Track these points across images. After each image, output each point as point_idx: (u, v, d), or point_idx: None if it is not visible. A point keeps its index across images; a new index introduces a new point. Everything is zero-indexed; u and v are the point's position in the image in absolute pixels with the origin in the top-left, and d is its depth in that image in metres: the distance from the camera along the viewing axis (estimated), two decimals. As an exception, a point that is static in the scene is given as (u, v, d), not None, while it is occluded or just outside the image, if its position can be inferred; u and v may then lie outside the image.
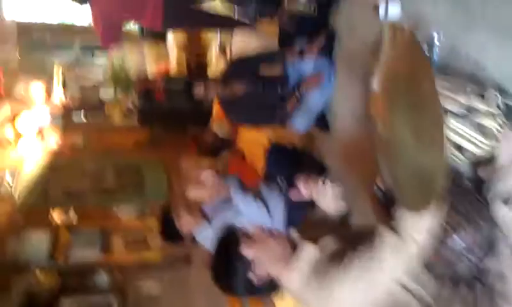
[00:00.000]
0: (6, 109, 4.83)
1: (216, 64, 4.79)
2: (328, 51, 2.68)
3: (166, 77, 5.33)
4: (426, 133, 1.17)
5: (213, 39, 5.19)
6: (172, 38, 5.82)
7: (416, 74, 1.20)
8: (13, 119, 4.81)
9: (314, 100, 2.69)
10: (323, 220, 1.87)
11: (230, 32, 4.33)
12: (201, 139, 4.31)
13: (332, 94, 2.66)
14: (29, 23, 6.12)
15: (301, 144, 3.09)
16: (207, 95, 2.94)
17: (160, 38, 6.34)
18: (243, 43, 4.20)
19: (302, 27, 2.75)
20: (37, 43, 6.26)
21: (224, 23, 3.81)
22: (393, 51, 1.68)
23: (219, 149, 4.02)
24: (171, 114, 4.89)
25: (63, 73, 5.51)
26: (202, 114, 4.59)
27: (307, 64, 2.72)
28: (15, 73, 4.66)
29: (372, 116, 1.60)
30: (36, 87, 5.11)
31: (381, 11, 2.04)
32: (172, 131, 4.96)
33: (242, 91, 2.86)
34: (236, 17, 3.79)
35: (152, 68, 5.81)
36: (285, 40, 2.94)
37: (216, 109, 4.26)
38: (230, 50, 4.74)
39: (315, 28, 2.70)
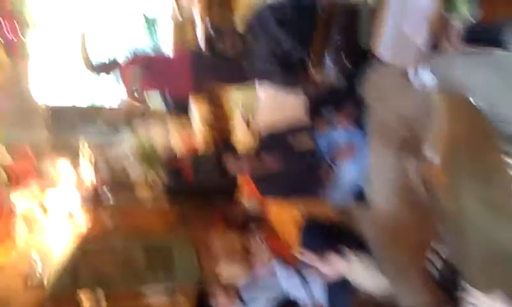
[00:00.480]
0: (35, 189, 4.87)
1: (240, 136, 4.80)
2: (358, 121, 2.64)
3: (193, 153, 5.35)
4: (501, 206, 1.06)
5: (235, 112, 5.25)
6: (196, 113, 5.92)
7: (479, 142, 1.11)
8: (42, 200, 4.85)
9: (349, 171, 2.61)
10: (373, 302, 1.73)
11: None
12: (229, 212, 4.24)
13: (367, 165, 2.58)
14: (58, 106, 6.31)
15: (336, 218, 2.98)
16: (240, 170, 2.91)
17: (184, 113, 6.47)
18: (268, 114, 4.22)
19: (330, 96, 2.73)
20: (65, 123, 6.44)
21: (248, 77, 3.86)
22: (448, 119, 1.59)
23: (248, 223, 3.93)
24: (200, 191, 4.85)
25: (90, 153, 5.59)
26: (229, 187, 4.56)
27: (339, 134, 2.67)
28: (45, 154, 4.71)
29: (421, 187, 1.50)
30: (65, 168, 5.18)
31: (412, 77, 2.00)
32: (201, 208, 4.90)
33: (274, 164, 2.81)
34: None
35: (177, 145, 5.87)
36: (313, 110, 2.91)
37: (243, 181, 4.21)
38: (254, 122, 4.76)
39: (343, 97, 2.68)
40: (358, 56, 2.51)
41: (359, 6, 2.52)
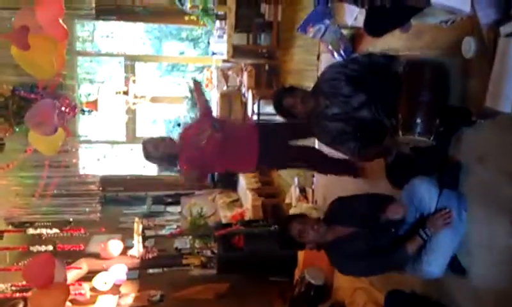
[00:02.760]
0: (83, 265, 4.74)
1: (297, 206, 4.59)
2: (452, 184, 2.42)
3: (244, 221, 5.16)
4: None
5: (290, 181, 5.08)
6: (245, 183, 5.79)
7: None
8: (90, 276, 4.70)
9: (445, 241, 2.35)
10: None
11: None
12: (291, 291, 3.95)
13: (465, 233, 2.33)
14: (109, 176, 6.32)
15: (422, 289, 2.69)
16: (305, 239, 2.62)
17: (231, 186, 6.37)
18: (330, 183, 4.02)
19: (418, 160, 2.53)
20: (113, 197, 6.43)
21: (316, 164, 3.72)
22: None
23: (315, 301, 3.62)
24: (252, 261, 4.59)
25: (138, 225, 5.48)
26: (285, 261, 4.29)
27: (429, 198, 2.45)
28: (95, 228, 4.62)
29: None
30: (113, 242, 5.06)
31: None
32: (254, 279, 4.63)
33: (346, 234, 2.57)
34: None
35: (225, 216, 5.72)
36: (396, 177, 2.71)
37: (305, 254, 3.96)
38: (312, 190, 4.57)
39: (433, 160, 2.48)
40: (449, 115, 2.34)
41: (446, 62, 2.39)
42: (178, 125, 7.59)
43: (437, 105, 2.32)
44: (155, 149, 3.31)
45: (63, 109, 4.11)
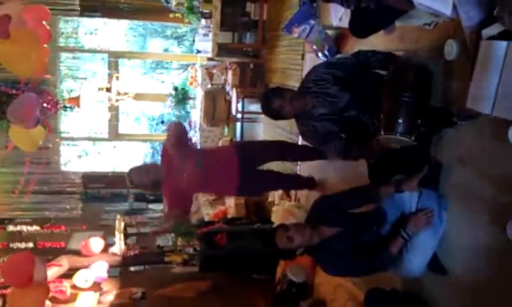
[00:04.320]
0: (64, 262, 4.69)
1: (280, 204, 4.60)
2: (433, 184, 2.46)
3: (226, 219, 5.16)
4: None
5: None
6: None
7: None
8: (70, 273, 4.65)
9: (426, 240, 2.39)
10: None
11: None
12: (273, 288, 3.96)
13: (446, 233, 2.38)
14: (90, 172, 6.26)
15: (402, 287, 2.73)
16: (292, 245, 2.60)
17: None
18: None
19: (399, 160, 2.57)
20: (94, 193, 6.36)
21: (295, 185, 4.08)
22: None
23: (296, 298, 3.64)
24: (234, 259, 4.59)
25: (119, 222, 5.43)
26: (267, 259, 4.31)
27: (409, 198, 2.49)
28: (76, 225, 4.57)
29: None
30: (94, 239, 5.01)
31: (511, 135, 1.83)
32: (236, 277, 4.64)
33: (331, 234, 2.59)
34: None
35: (208, 213, 5.70)
36: (377, 176, 2.75)
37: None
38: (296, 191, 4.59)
39: (414, 160, 2.52)
40: (430, 115, 2.38)
41: (429, 64, 2.42)
42: (162, 122, 7.57)
43: (419, 106, 2.35)
44: (140, 177, 3.31)
45: (45, 104, 4.06)
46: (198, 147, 6.01)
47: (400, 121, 2.32)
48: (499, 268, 2.04)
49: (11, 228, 4.27)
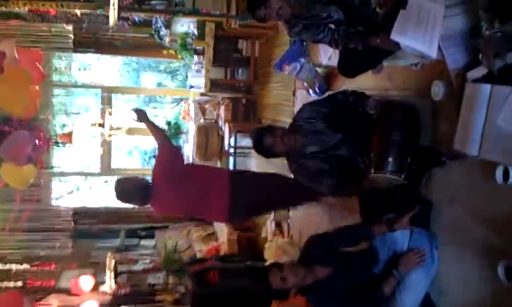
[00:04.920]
0: (53, 302, 4.60)
1: (273, 240, 4.57)
2: (423, 223, 2.46)
3: (219, 256, 5.11)
4: None
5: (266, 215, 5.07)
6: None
7: None
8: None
9: (418, 280, 2.38)
10: None
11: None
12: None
13: (438, 272, 2.37)
14: (81, 208, 6.20)
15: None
16: (286, 284, 2.58)
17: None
18: (306, 217, 4.04)
19: (390, 198, 2.58)
20: (85, 230, 6.29)
21: (288, 202, 3.83)
22: None
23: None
24: (227, 297, 4.52)
25: (110, 260, 5.36)
26: (260, 297, 4.24)
27: (401, 238, 2.49)
28: (66, 263, 4.51)
29: None
30: (84, 277, 4.93)
31: (499, 174, 1.85)
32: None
33: (325, 274, 2.57)
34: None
35: (200, 250, 5.65)
36: (369, 214, 2.75)
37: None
38: (288, 225, 4.57)
39: (405, 198, 2.53)
40: (420, 154, 2.40)
41: (416, 104, 2.47)
42: (154, 156, 7.55)
43: (408, 145, 2.38)
44: (127, 184, 3.32)
45: (37, 141, 4.05)
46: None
47: (390, 159, 2.36)
48: (491, 308, 2.03)
49: (-1, 266, 4.21)
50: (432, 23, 1.99)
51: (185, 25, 6.08)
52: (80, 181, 7.36)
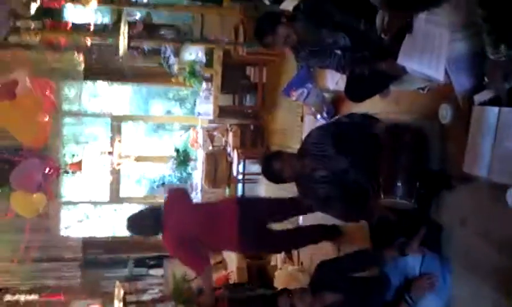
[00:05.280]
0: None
1: (283, 268, 4.52)
2: (435, 247, 2.43)
3: (228, 285, 5.05)
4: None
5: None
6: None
7: None
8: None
9: (430, 305, 2.34)
10: None
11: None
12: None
13: (451, 297, 2.32)
14: (90, 237, 6.20)
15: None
16: None
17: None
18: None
19: (400, 223, 2.55)
20: (93, 259, 6.27)
21: (300, 243, 3.88)
22: None
23: None
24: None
25: (119, 290, 5.32)
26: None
27: (413, 262, 2.45)
28: (76, 292, 4.48)
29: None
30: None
31: (510, 197, 1.82)
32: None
33: (335, 300, 2.53)
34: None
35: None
36: (379, 239, 2.72)
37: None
38: (298, 251, 4.53)
39: (415, 223, 2.50)
40: (429, 178, 2.38)
41: (425, 128, 2.46)
42: (163, 184, 7.57)
43: (417, 169, 2.37)
44: (139, 223, 3.35)
45: (47, 170, 4.09)
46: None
47: (399, 184, 2.34)
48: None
49: (8, 297, 4.18)
50: (439, 47, 2.00)
51: (193, 53, 6.16)
52: (89, 210, 7.37)
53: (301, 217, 4.34)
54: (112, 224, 7.29)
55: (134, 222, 3.44)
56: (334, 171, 2.76)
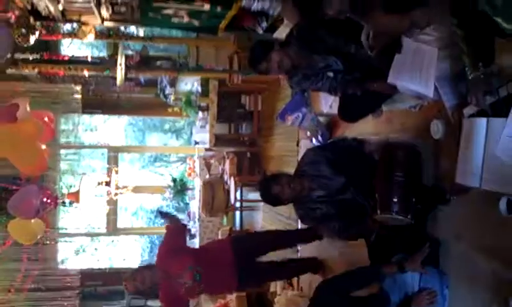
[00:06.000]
0: None
1: (282, 294, 4.49)
2: (433, 262, 2.45)
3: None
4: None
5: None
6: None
7: None
8: None
9: (430, 320, 2.35)
10: None
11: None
12: None
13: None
14: (88, 269, 6.15)
15: None
16: None
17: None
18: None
19: (398, 239, 2.57)
20: (91, 292, 6.21)
21: (294, 272, 4.05)
22: None
23: None
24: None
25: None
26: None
27: (411, 278, 2.46)
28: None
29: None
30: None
31: (503, 206, 1.86)
32: None
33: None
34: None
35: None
36: (377, 256, 2.73)
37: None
38: (298, 278, 4.51)
39: (412, 238, 2.52)
40: (424, 193, 2.42)
41: (417, 144, 2.51)
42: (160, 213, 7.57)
43: (412, 185, 2.40)
44: (136, 286, 3.23)
45: (45, 199, 4.10)
46: (195, 247, 5.83)
47: (395, 200, 2.37)
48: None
49: (5, 328, 4.13)
50: (428, 64, 2.08)
51: (189, 84, 6.28)
52: (86, 242, 7.33)
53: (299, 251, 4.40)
54: (109, 255, 7.24)
55: (130, 285, 3.29)
56: (330, 190, 2.79)
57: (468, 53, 1.77)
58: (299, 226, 4.17)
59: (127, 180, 7.45)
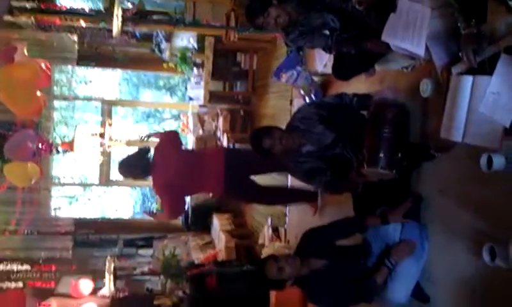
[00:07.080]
0: (53, 304, 4.64)
1: (270, 245, 4.66)
2: (414, 216, 2.58)
3: (217, 261, 5.18)
4: None
5: (263, 221, 5.18)
6: (218, 225, 5.85)
7: None
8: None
9: (409, 269, 2.49)
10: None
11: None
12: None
13: (428, 261, 2.47)
14: (80, 218, 6.27)
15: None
16: (282, 275, 2.69)
17: (204, 228, 6.41)
18: (302, 223, 4.14)
19: (382, 192, 2.69)
20: (83, 239, 6.35)
21: (284, 199, 4.05)
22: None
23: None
24: (225, 301, 4.59)
25: (110, 263, 5.42)
26: (258, 301, 4.32)
27: (393, 230, 2.59)
28: (66, 266, 4.57)
29: None
30: (84, 281, 4.99)
31: (483, 162, 1.97)
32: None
33: (320, 266, 2.67)
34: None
35: (198, 258, 5.72)
36: (362, 207, 2.86)
37: (276, 294, 4.00)
38: (285, 230, 4.67)
39: (396, 192, 2.65)
40: (410, 150, 2.53)
41: (408, 103, 2.60)
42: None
43: (399, 142, 2.50)
44: (130, 170, 3.51)
45: (40, 145, 4.17)
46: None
47: (381, 155, 2.47)
48: (480, 294, 2.13)
49: (0, 267, 4.26)
50: (420, 24, 2.14)
51: (185, 40, 6.26)
52: (79, 192, 7.44)
53: (289, 179, 4.49)
54: (102, 206, 7.36)
55: (125, 163, 3.63)
56: (320, 146, 2.88)
57: (460, 10, 1.83)
58: (289, 183, 4.30)
59: (121, 134, 7.49)
